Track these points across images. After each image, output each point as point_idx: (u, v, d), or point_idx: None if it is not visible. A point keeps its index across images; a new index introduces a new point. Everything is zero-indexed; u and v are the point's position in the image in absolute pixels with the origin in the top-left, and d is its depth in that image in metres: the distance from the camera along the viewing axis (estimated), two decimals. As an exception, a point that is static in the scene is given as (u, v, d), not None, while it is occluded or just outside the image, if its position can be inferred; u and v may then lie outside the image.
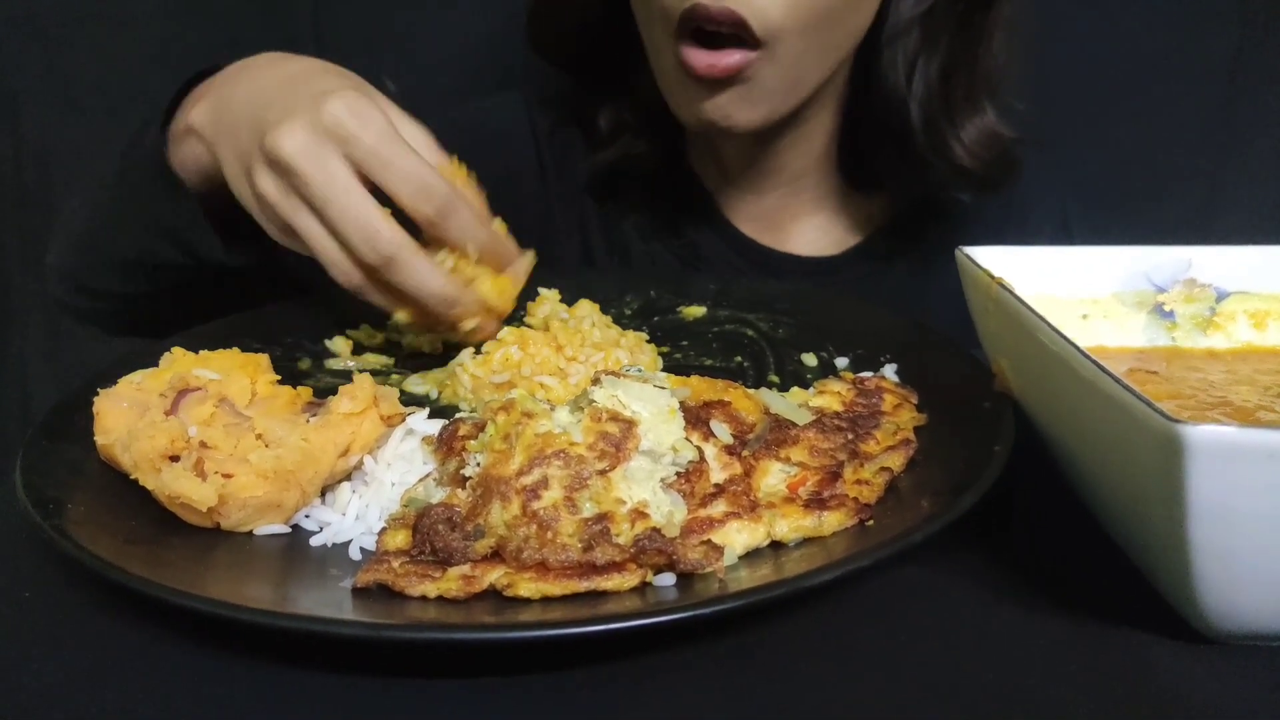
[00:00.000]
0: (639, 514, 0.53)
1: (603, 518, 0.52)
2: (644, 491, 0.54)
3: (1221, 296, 0.70)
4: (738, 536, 0.53)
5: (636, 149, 1.10)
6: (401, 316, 0.75)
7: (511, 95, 1.18)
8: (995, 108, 1.03)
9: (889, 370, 0.75)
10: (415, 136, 0.75)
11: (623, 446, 0.55)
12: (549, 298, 0.84)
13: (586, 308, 0.84)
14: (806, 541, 0.54)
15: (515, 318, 0.85)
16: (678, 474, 0.56)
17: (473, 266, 0.76)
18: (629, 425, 0.56)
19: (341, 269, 0.72)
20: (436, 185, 0.71)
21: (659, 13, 0.91)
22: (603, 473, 0.54)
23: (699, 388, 0.62)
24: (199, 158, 0.81)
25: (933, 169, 1.03)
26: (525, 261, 0.80)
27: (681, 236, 1.13)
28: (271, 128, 0.70)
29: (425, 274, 0.72)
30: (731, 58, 0.89)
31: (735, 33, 0.88)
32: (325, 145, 0.69)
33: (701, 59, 0.89)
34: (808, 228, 1.14)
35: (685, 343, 0.85)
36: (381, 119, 0.71)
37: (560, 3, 1.08)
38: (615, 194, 1.13)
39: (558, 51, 1.13)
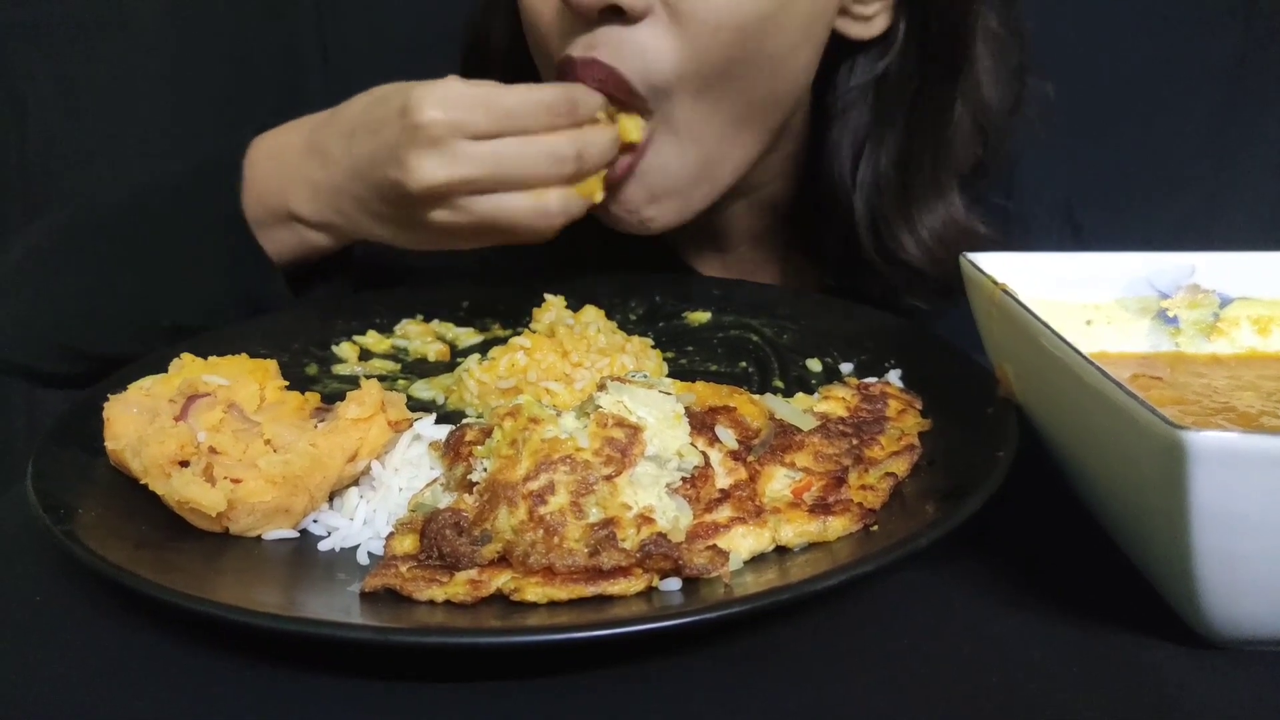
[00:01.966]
0: (645, 519, 0.53)
1: (609, 523, 0.52)
2: (650, 497, 0.54)
3: (1225, 302, 0.70)
4: (743, 541, 0.54)
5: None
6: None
7: None
8: (964, 195, 0.90)
9: (893, 376, 0.75)
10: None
11: (628, 452, 0.55)
12: (555, 304, 0.84)
13: (592, 314, 0.84)
14: (811, 546, 0.55)
15: (520, 324, 0.85)
16: (683, 479, 0.56)
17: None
18: (635, 431, 0.56)
19: (545, 216, 0.76)
20: (556, 100, 0.75)
21: (545, 63, 0.86)
22: (609, 478, 0.54)
23: (704, 393, 0.63)
24: (305, 239, 0.86)
25: (879, 269, 0.91)
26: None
27: None
28: (401, 173, 0.74)
29: (604, 138, 0.77)
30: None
31: (619, 96, 0.80)
32: (449, 146, 0.72)
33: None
34: (777, 275, 1.08)
35: (690, 348, 0.85)
36: (462, 90, 0.74)
37: (488, 53, 1.00)
38: (576, 248, 1.04)
39: None
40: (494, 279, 0.94)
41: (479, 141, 0.73)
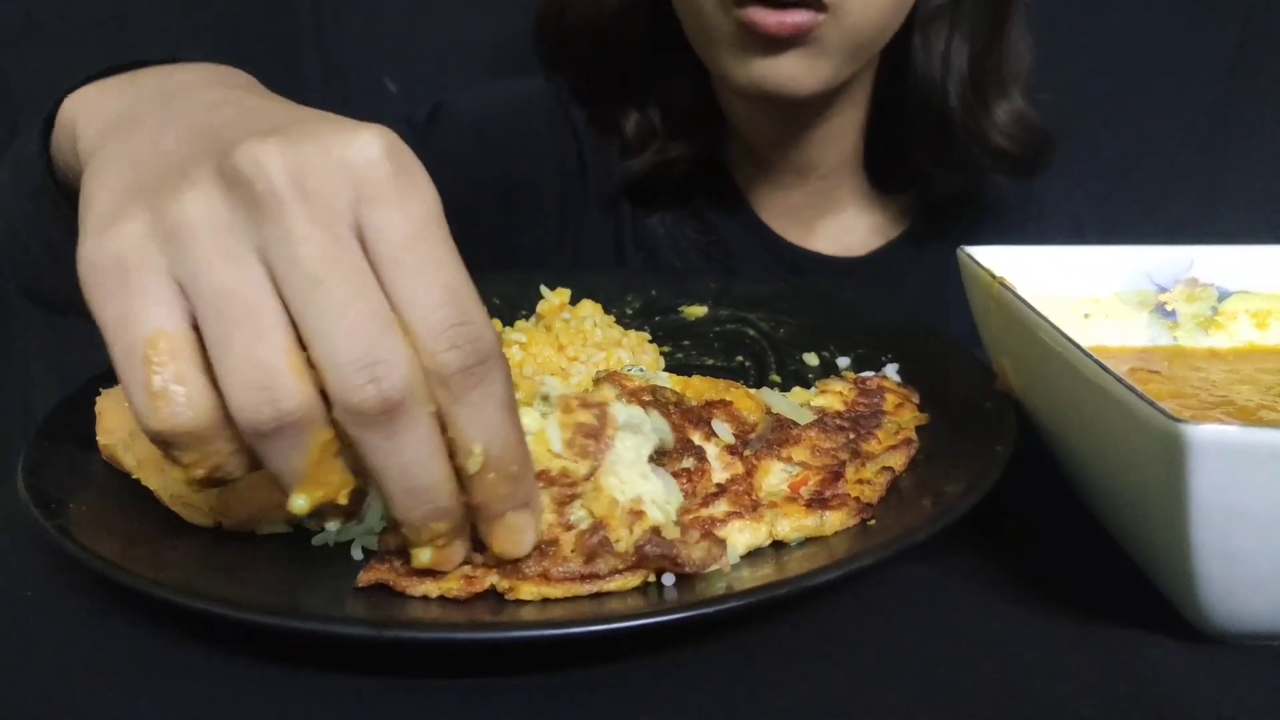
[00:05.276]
0: (635, 514, 0.52)
1: (599, 526, 0.52)
2: (634, 474, 0.53)
3: (1223, 296, 0.70)
4: (739, 536, 0.53)
5: (671, 154, 1.10)
6: (300, 504, 0.45)
7: (541, 81, 1.16)
8: (1022, 93, 1.05)
9: (890, 370, 0.75)
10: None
11: (602, 435, 0.54)
12: (560, 295, 0.84)
13: (588, 307, 0.84)
14: (808, 541, 0.54)
15: (522, 316, 0.85)
16: (677, 468, 0.55)
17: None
18: (601, 407, 0.55)
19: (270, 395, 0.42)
20: (481, 327, 0.43)
21: None
22: (588, 478, 0.53)
23: (700, 387, 0.62)
24: (65, 158, 0.59)
25: (970, 154, 1.04)
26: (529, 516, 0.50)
27: (710, 232, 1.13)
28: (249, 135, 0.42)
29: (427, 447, 0.44)
30: (799, 15, 0.87)
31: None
32: (341, 193, 0.41)
33: (770, 17, 0.87)
34: (834, 226, 1.15)
35: (687, 342, 0.85)
36: (432, 193, 0.43)
37: (566, 17, 1.07)
38: (647, 192, 1.13)
39: (569, 66, 1.13)
40: (487, 272, 0.93)
41: (354, 236, 0.42)
